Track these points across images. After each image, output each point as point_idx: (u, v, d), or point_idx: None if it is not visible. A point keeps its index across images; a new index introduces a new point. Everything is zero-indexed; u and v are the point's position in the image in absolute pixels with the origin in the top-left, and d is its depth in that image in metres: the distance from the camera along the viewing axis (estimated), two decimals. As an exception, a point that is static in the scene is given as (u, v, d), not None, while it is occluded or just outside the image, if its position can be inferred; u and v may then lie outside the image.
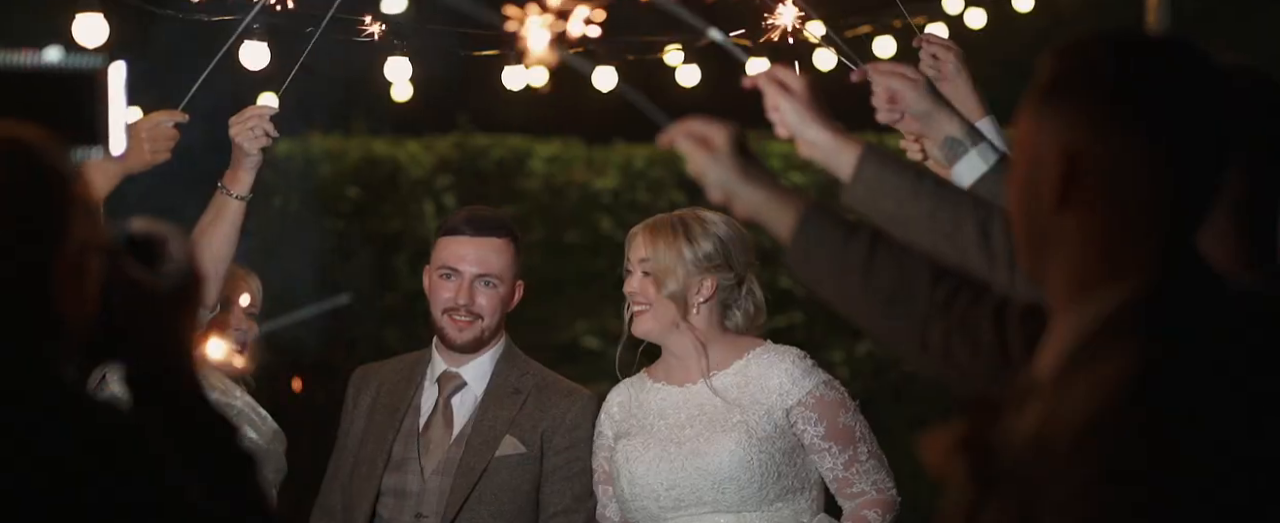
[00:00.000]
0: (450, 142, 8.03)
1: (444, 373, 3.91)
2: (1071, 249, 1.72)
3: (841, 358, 7.62)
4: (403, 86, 4.96)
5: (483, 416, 3.85)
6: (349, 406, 4.02)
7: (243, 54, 4.02)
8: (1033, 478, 1.58)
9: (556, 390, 3.90)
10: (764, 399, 3.64)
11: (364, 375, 4.04)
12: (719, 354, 3.71)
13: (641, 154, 7.86)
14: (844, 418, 3.67)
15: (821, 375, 3.72)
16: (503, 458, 3.80)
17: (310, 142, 8.03)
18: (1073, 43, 1.77)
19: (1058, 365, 1.68)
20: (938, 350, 2.02)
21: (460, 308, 3.86)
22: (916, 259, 2.06)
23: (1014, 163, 1.82)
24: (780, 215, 2.11)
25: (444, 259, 3.90)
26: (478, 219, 3.93)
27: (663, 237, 3.71)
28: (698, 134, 2.15)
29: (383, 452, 3.85)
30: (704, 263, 3.68)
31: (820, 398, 3.66)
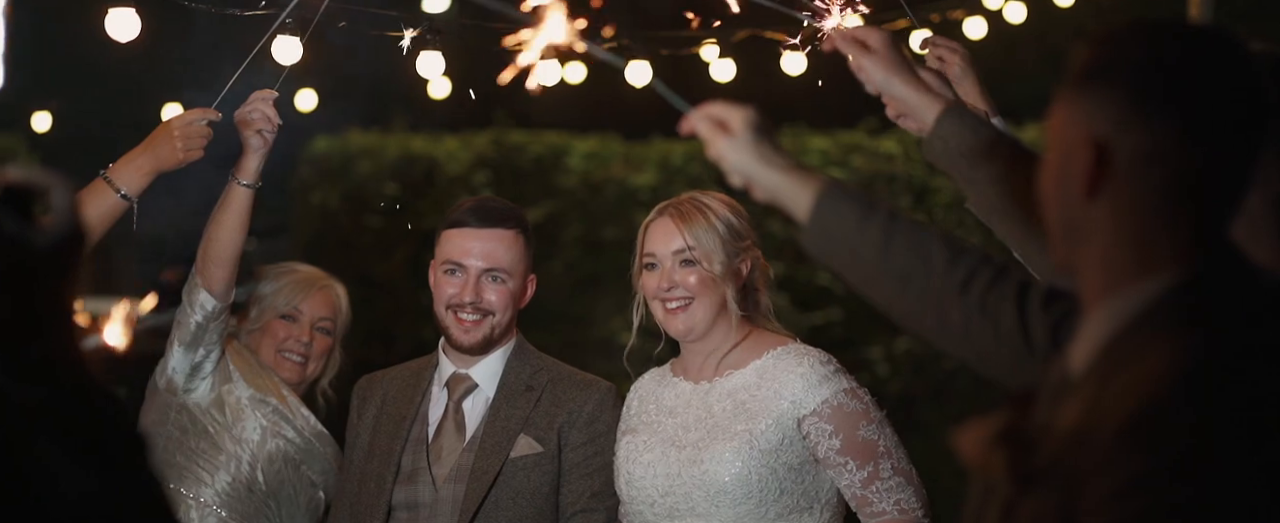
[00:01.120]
0: (488, 138, 8.03)
1: (453, 376, 3.64)
2: (1104, 239, 1.70)
3: (881, 355, 7.58)
4: (439, 83, 4.96)
5: (494, 416, 3.59)
6: (353, 419, 3.76)
7: (275, 49, 4.01)
8: (1074, 473, 1.56)
9: (572, 383, 3.62)
10: (775, 406, 3.31)
11: (367, 386, 3.78)
12: (737, 353, 3.42)
13: (680, 150, 7.84)
14: (864, 430, 3.30)
15: (843, 382, 3.34)
16: (518, 460, 3.53)
17: (349, 139, 8.05)
18: (1105, 31, 1.75)
19: (1094, 358, 1.66)
20: (958, 330, 2.00)
21: (467, 306, 3.59)
22: (934, 237, 2.04)
23: (1047, 153, 1.80)
24: (798, 196, 2.09)
25: (448, 253, 3.63)
26: (484, 209, 3.66)
27: (695, 220, 3.43)
28: (716, 118, 2.13)
29: (391, 465, 3.59)
30: (736, 243, 3.43)
31: (838, 408, 3.30)
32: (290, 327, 3.97)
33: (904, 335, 7.49)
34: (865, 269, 2.05)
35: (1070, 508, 1.56)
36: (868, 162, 7.94)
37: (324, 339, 4.02)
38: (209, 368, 3.78)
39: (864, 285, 2.08)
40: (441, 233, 3.67)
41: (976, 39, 5.03)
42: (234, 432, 3.79)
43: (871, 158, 7.96)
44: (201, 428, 3.79)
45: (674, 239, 3.43)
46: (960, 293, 1.99)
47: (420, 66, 4.58)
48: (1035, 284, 1.99)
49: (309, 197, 8.05)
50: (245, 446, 3.79)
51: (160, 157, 3.49)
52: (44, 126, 5.47)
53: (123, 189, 3.47)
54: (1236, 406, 1.53)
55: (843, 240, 2.05)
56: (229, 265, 3.69)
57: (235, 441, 3.78)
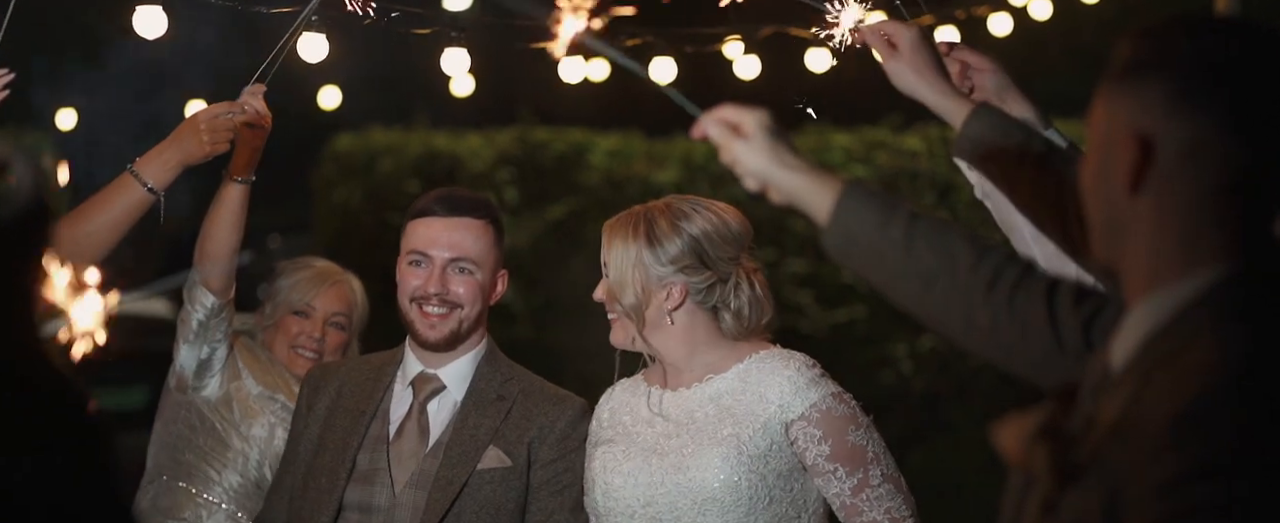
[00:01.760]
0: (511, 135, 8.03)
1: (420, 375, 3.44)
2: (1146, 236, 1.69)
3: (905, 352, 7.56)
4: (462, 80, 4.96)
5: (463, 424, 3.38)
6: (302, 408, 3.52)
7: (301, 46, 4.01)
8: (1118, 468, 1.54)
9: (544, 397, 3.43)
10: (760, 411, 3.14)
11: (321, 376, 3.55)
12: (714, 357, 3.22)
13: (702, 147, 7.82)
14: (853, 436, 3.14)
15: (829, 386, 3.17)
16: (485, 472, 3.34)
17: (371, 136, 8.06)
18: (1147, 26, 1.74)
19: (1136, 353, 1.65)
20: (985, 330, 1.98)
21: (432, 297, 3.38)
22: (958, 236, 2.01)
23: (1087, 149, 1.78)
24: (817, 198, 2.06)
25: (413, 244, 3.42)
26: (452, 198, 3.46)
27: (619, 237, 3.20)
28: (728, 121, 2.10)
29: (345, 462, 3.38)
30: (668, 267, 3.18)
31: (826, 413, 3.13)
32: (303, 322, 3.98)
33: (928, 333, 7.47)
34: (888, 270, 2.03)
35: (1114, 503, 1.54)
36: (891, 159, 7.92)
37: (337, 334, 4.01)
38: (217, 365, 3.80)
39: (887, 286, 2.05)
40: (407, 224, 3.46)
41: (1002, 35, 5.01)
42: (242, 429, 3.80)
43: (895, 155, 7.94)
44: (210, 426, 3.80)
45: (603, 249, 3.26)
46: (987, 293, 1.97)
47: (445, 63, 4.57)
48: (1064, 282, 1.97)
49: (331, 194, 8.06)
50: (254, 443, 3.79)
51: (186, 150, 3.50)
52: (68, 124, 5.49)
53: (149, 183, 3.48)
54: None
55: (865, 241, 2.02)
56: (226, 262, 3.69)
57: (243, 438, 3.79)
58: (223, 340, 3.77)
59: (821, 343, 7.57)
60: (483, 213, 3.44)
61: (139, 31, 3.84)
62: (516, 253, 7.38)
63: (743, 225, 3.24)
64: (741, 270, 3.23)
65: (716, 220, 3.20)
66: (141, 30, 3.83)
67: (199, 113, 3.54)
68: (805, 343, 7.76)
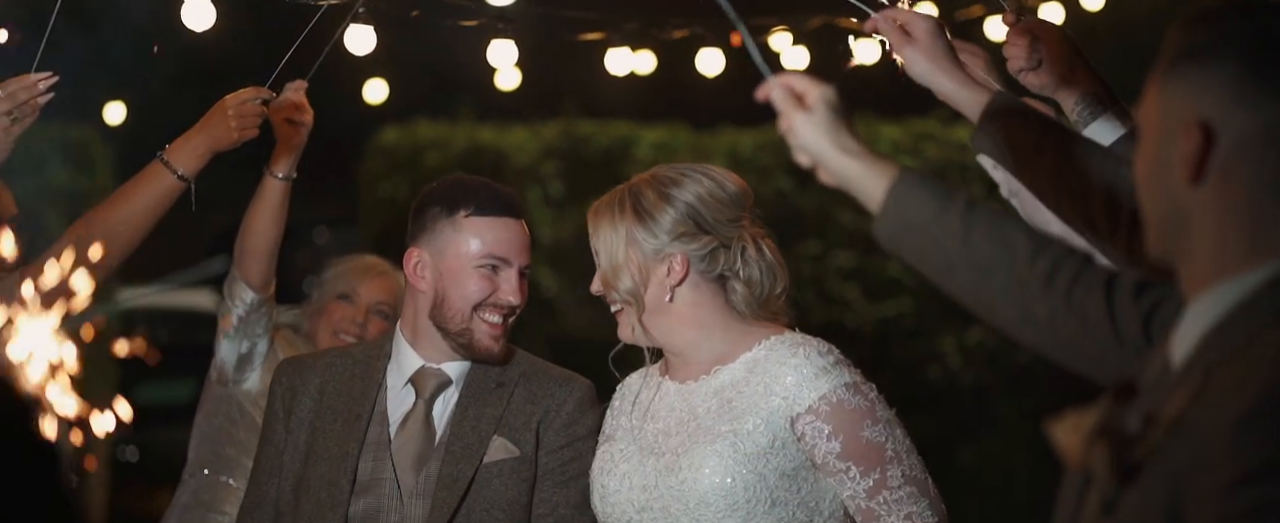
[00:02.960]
0: (556, 128, 8.02)
1: (422, 370, 3.18)
2: (1209, 227, 1.65)
3: (953, 346, 7.51)
4: (508, 72, 4.95)
5: (463, 416, 3.14)
6: (277, 409, 3.22)
7: (348, 38, 4.02)
8: (1182, 465, 1.51)
9: (548, 378, 3.19)
10: (764, 403, 2.86)
11: (296, 372, 3.25)
12: (723, 345, 2.95)
13: (748, 140, 7.80)
14: (869, 431, 2.84)
15: (844, 376, 2.87)
16: (493, 465, 3.11)
17: (417, 130, 8.07)
18: (1203, 10, 1.70)
19: (1197, 349, 1.62)
20: (1043, 325, 1.94)
21: (505, 306, 3.16)
22: (1015, 229, 1.98)
23: (1142, 139, 1.75)
24: (870, 183, 2.02)
25: (488, 246, 3.15)
26: (507, 198, 3.22)
27: (605, 220, 2.95)
28: (795, 89, 2.07)
29: (346, 472, 3.11)
30: (662, 238, 2.92)
31: (837, 405, 2.84)
32: (346, 307, 4.01)
33: (977, 326, 7.41)
34: (943, 260, 1.99)
35: (1175, 503, 1.51)
36: (940, 151, 7.86)
37: (380, 322, 4.04)
38: (257, 359, 3.81)
39: (940, 277, 2.01)
40: (462, 220, 3.16)
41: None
42: None
43: (944, 147, 7.88)
44: (250, 419, 3.82)
45: (590, 239, 3.02)
46: (1046, 286, 1.93)
47: (491, 56, 4.57)
48: (1123, 274, 1.93)
49: (377, 188, 8.07)
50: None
51: (216, 137, 3.50)
52: (117, 118, 5.50)
53: (179, 170, 3.48)
54: None
55: (919, 229, 1.99)
56: (266, 257, 3.70)
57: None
58: (264, 335, 3.79)
59: (868, 337, 7.53)
60: (524, 210, 3.26)
61: (187, 24, 3.85)
62: (562, 246, 7.37)
63: (740, 186, 3.00)
64: (746, 234, 2.97)
65: (708, 183, 2.95)
66: (190, 23, 3.85)
67: (227, 99, 3.53)
68: (852, 337, 7.77)
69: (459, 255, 3.15)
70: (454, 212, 3.17)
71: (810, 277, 7.61)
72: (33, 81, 3.06)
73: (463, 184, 3.24)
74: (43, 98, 3.07)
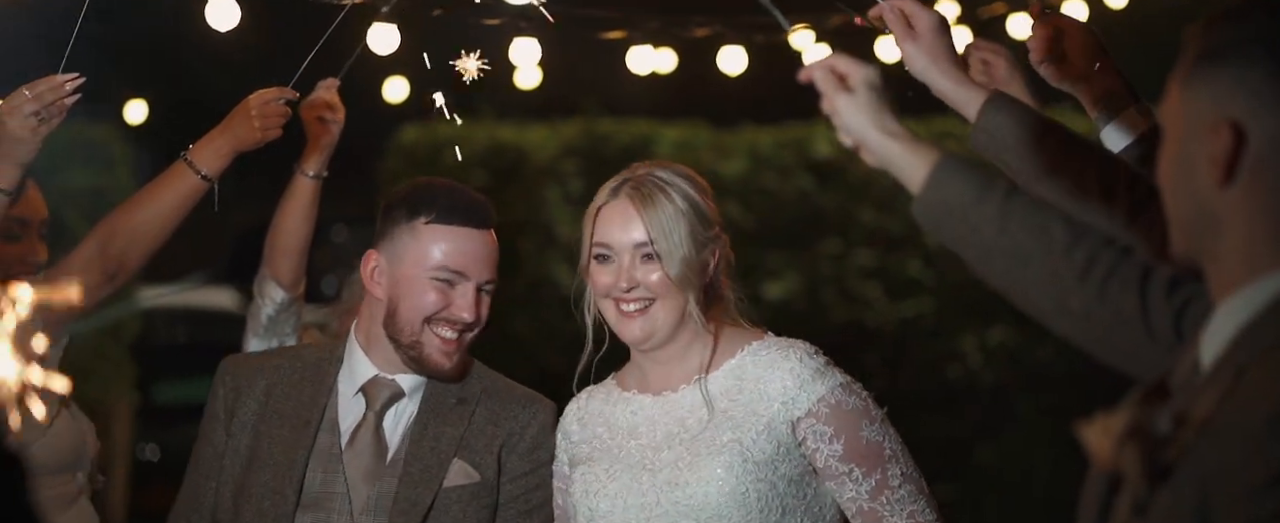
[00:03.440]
0: (575, 127, 8.01)
1: (374, 379, 3.02)
2: (1239, 227, 1.64)
3: (974, 345, 7.48)
4: (530, 71, 4.94)
5: (422, 435, 2.97)
6: (218, 410, 3.06)
7: (371, 37, 4.01)
8: (1213, 466, 1.50)
9: (511, 398, 3.03)
10: (763, 410, 2.81)
11: (239, 371, 3.09)
12: (705, 353, 2.90)
13: (768, 138, 7.78)
14: (869, 431, 2.81)
15: (837, 377, 2.84)
16: (453, 490, 2.94)
17: (437, 128, 8.07)
18: (1228, 9, 1.69)
19: (1228, 349, 1.61)
20: (1076, 317, 1.94)
21: (460, 322, 2.99)
22: (1054, 218, 1.97)
23: (1165, 140, 1.73)
24: (912, 166, 2.03)
25: (442, 257, 3.00)
26: (475, 208, 3.05)
27: (658, 206, 2.86)
28: (837, 71, 2.07)
29: (292, 481, 2.94)
30: (707, 230, 2.89)
31: (836, 406, 2.80)
32: None
33: (997, 326, 7.39)
34: (980, 246, 1.99)
35: (1206, 505, 1.50)
36: (960, 148, 7.83)
37: None
38: None
39: (978, 263, 2.02)
40: (421, 227, 3.02)
41: (1077, 24, 4.92)
42: None
43: (964, 144, 7.85)
44: None
45: (633, 228, 2.88)
46: (1081, 279, 1.92)
47: (514, 54, 4.56)
48: (1158, 269, 1.92)
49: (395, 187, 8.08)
50: None
51: (239, 137, 3.50)
52: (138, 118, 5.51)
53: (203, 170, 3.48)
54: None
55: (958, 215, 1.99)
56: (296, 256, 3.69)
57: None
58: (292, 333, 3.80)
59: (889, 336, 7.51)
60: (492, 221, 3.08)
61: (212, 24, 3.85)
62: (580, 244, 7.36)
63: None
64: (726, 240, 2.96)
65: (694, 182, 2.92)
66: (214, 22, 3.84)
67: (250, 99, 3.54)
68: (872, 336, 7.74)
69: (415, 263, 3.00)
70: (414, 217, 3.03)
71: (831, 276, 7.59)
72: (60, 82, 3.07)
73: (429, 189, 3.10)
74: (70, 99, 3.07)
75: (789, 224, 7.63)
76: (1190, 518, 1.52)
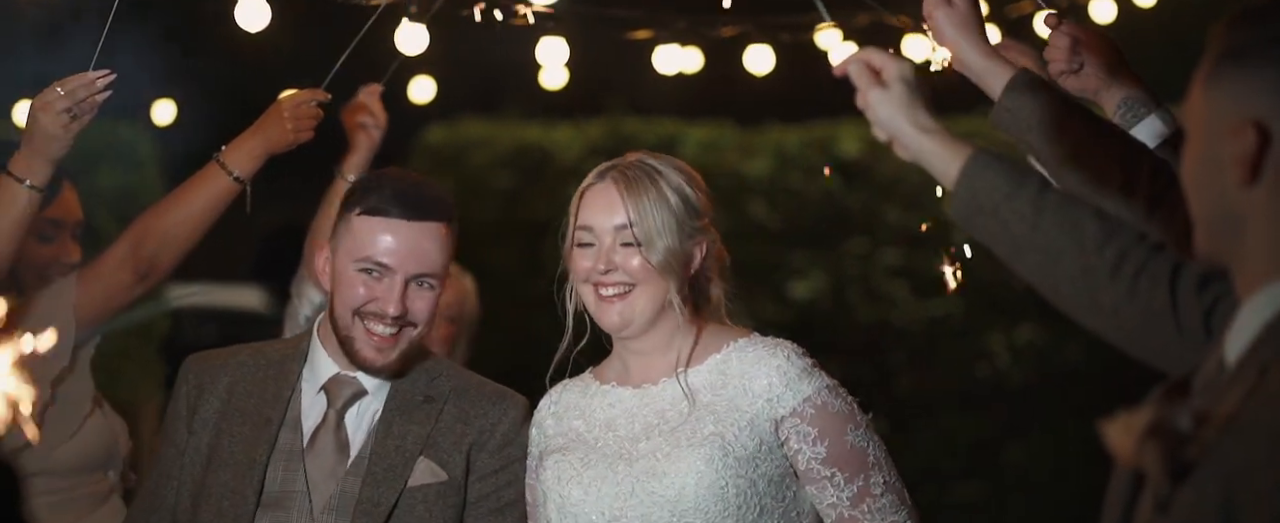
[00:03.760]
0: (601, 126, 8.02)
1: (335, 377, 2.96)
2: (1264, 227, 1.64)
3: (1001, 345, 7.46)
4: (556, 70, 4.95)
5: (386, 433, 2.90)
6: (181, 409, 2.99)
7: (399, 37, 4.03)
8: (1235, 464, 1.50)
9: (480, 395, 2.96)
10: (746, 406, 2.76)
11: (203, 369, 3.02)
12: (686, 346, 2.85)
13: (794, 137, 7.77)
14: (853, 436, 2.76)
15: (823, 379, 2.79)
16: (417, 490, 2.88)
17: (462, 128, 8.08)
18: (1251, 9, 1.69)
19: (1251, 348, 1.61)
20: (1107, 313, 1.95)
21: (387, 317, 2.90)
22: (1086, 214, 1.98)
23: (1188, 139, 1.73)
24: (945, 160, 2.04)
25: (366, 249, 2.91)
26: (415, 198, 2.94)
27: (643, 190, 2.81)
28: (872, 65, 2.09)
29: (252, 481, 2.87)
30: (694, 220, 2.84)
31: (822, 407, 2.75)
32: None
33: (1026, 325, 7.37)
34: (1013, 241, 2.00)
35: (1229, 502, 1.50)
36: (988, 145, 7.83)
37: (447, 326, 4.05)
38: None
39: (1011, 258, 2.03)
40: (353, 217, 2.95)
41: (1105, 22, 4.92)
42: None
43: (987, 143, 7.82)
44: None
45: (615, 211, 2.83)
46: (1112, 275, 1.93)
47: (541, 54, 4.57)
48: (1189, 265, 1.93)
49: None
50: None
51: (271, 139, 3.52)
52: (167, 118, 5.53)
53: (235, 172, 3.50)
54: None
55: (990, 209, 2.00)
56: None
57: None
58: None
59: (916, 335, 7.50)
60: (445, 213, 2.97)
61: (241, 25, 3.86)
62: (607, 244, 7.36)
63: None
64: (716, 235, 2.91)
65: (685, 174, 2.88)
66: (244, 23, 3.86)
67: (282, 100, 3.56)
68: (899, 335, 7.71)
69: (345, 255, 2.94)
70: (351, 208, 2.97)
71: (857, 275, 7.58)
72: (91, 79, 3.09)
73: (376, 179, 3.04)
74: (101, 96, 3.09)
75: (815, 223, 7.62)
76: (1214, 516, 1.52)
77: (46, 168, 3.18)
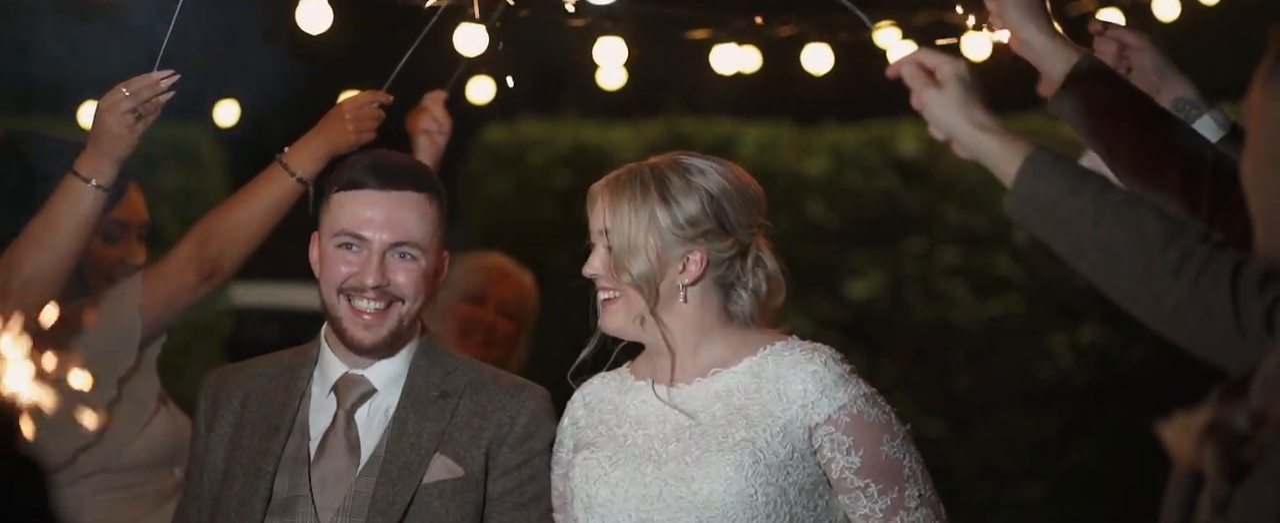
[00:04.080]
0: (659, 126, 8.02)
1: (344, 377, 2.91)
2: None
3: (1064, 345, 7.40)
4: (613, 70, 4.96)
5: (401, 431, 2.85)
6: (201, 427, 2.98)
7: (458, 38, 4.05)
8: None
9: (498, 389, 2.89)
10: (780, 412, 2.69)
11: (219, 384, 3.00)
12: (722, 348, 2.77)
13: (852, 137, 7.74)
14: (889, 447, 2.69)
15: (861, 387, 2.71)
16: (433, 486, 2.81)
17: (520, 128, 8.11)
18: None
19: None
20: (1170, 313, 1.93)
21: (367, 290, 2.85)
22: (1148, 213, 1.96)
23: (1250, 137, 1.72)
24: (1004, 159, 2.03)
25: (341, 222, 2.87)
26: (387, 167, 2.89)
27: (626, 196, 2.74)
28: (926, 65, 2.08)
29: (259, 490, 2.84)
30: (687, 230, 2.73)
31: (858, 416, 2.68)
32: (475, 310, 4.06)
33: (1089, 325, 7.31)
34: (1074, 241, 1.99)
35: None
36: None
37: (507, 324, 4.08)
38: None
39: (1072, 257, 2.02)
40: (332, 196, 2.92)
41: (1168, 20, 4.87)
42: None
43: (1048, 142, 7.77)
44: None
45: (598, 215, 2.78)
46: (1174, 275, 1.91)
47: (598, 54, 4.58)
48: (1250, 264, 1.91)
49: (481, 186, 8.13)
50: None
51: (333, 140, 3.55)
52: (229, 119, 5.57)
53: (298, 173, 3.53)
54: None
55: (1050, 209, 1.99)
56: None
57: None
58: None
59: (976, 335, 7.45)
60: (425, 184, 2.92)
61: (303, 26, 3.89)
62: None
63: (758, 188, 2.84)
64: (761, 241, 2.81)
65: (732, 177, 2.78)
66: (306, 25, 3.89)
67: (345, 102, 3.60)
68: (959, 335, 7.66)
69: (326, 235, 2.91)
70: (330, 188, 2.96)
71: (915, 275, 7.54)
72: (155, 80, 3.13)
73: (354, 160, 3.01)
74: (164, 96, 3.13)
75: (873, 223, 7.59)
76: (1273, 516, 1.51)
77: (112, 168, 3.22)
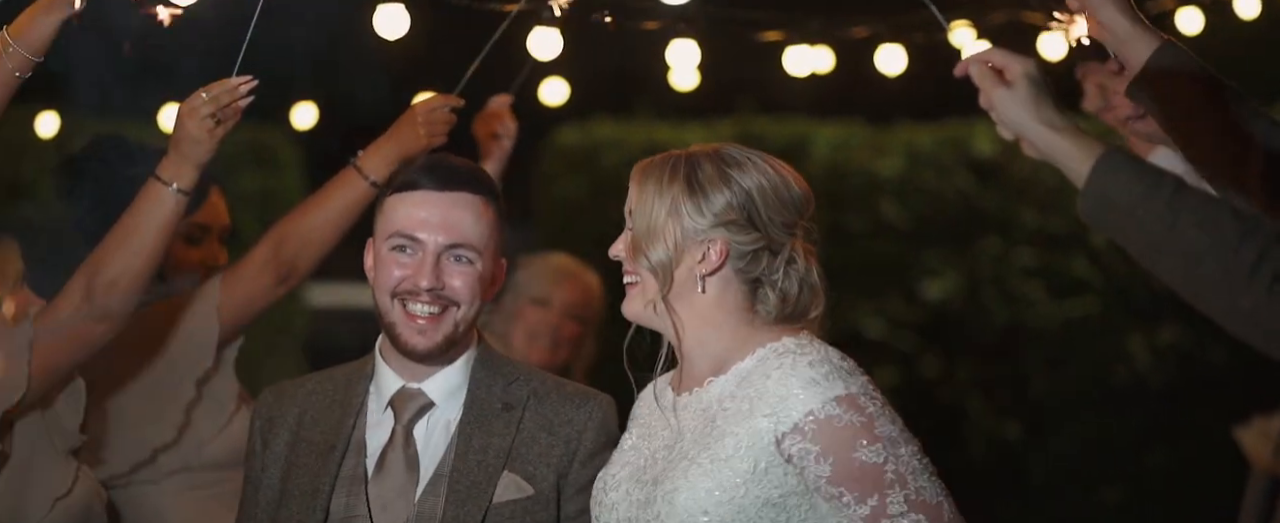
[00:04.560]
0: (732, 126, 8.01)
1: (401, 392, 2.80)
2: None
3: (1142, 346, 7.32)
4: (687, 73, 4.96)
5: (467, 447, 2.73)
6: (256, 446, 2.88)
7: (532, 41, 4.06)
8: None
9: (561, 399, 2.78)
10: (747, 423, 2.52)
11: (275, 402, 2.90)
12: (720, 351, 2.62)
13: (926, 136, 7.69)
14: (864, 452, 2.47)
15: (837, 387, 2.51)
16: (503, 506, 2.70)
17: (593, 129, 8.12)
18: None
19: None
20: (1246, 315, 1.90)
21: (422, 293, 2.76)
22: (1223, 214, 1.93)
23: None
24: (1075, 159, 2.01)
25: (396, 224, 2.78)
26: (444, 168, 2.81)
27: (653, 180, 2.64)
28: (995, 64, 2.06)
29: (316, 511, 2.74)
30: (709, 219, 2.60)
31: (825, 422, 2.48)
32: (542, 312, 4.06)
33: (1167, 326, 7.22)
34: (1148, 243, 1.96)
35: None
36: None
37: (574, 326, 4.08)
38: None
39: (1146, 260, 1.99)
40: (386, 200, 2.83)
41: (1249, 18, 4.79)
42: None
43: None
44: None
45: (629, 196, 2.68)
46: (1250, 276, 1.89)
47: (671, 55, 4.58)
48: None
49: (553, 187, 8.15)
50: None
51: (405, 143, 3.57)
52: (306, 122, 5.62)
53: (372, 176, 3.56)
54: None
55: (1124, 211, 1.96)
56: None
57: None
58: None
59: (1052, 337, 7.38)
60: (481, 187, 2.82)
61: (380, 32, 3.92)
62: (738, 245, 7.34)
63: (804, 191, 2.68)
64: (797, 244, 2.64)
65: (774, 176, 2.64)
66: (383, 31, 3.91)
67: (417, 106, 3.62)
68: (1035, 337, 7.59)
69: (380, 239, 2.82)
70: (385, 192, 2.89)
71: (991, 276, 7.48)
72: (234, 85, 3.16)
73: (410, 163, 2.95)
74: (243, 101, 3.16)
75: (948, 223, 7.53)
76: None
77: (193, 172, 3.26)
